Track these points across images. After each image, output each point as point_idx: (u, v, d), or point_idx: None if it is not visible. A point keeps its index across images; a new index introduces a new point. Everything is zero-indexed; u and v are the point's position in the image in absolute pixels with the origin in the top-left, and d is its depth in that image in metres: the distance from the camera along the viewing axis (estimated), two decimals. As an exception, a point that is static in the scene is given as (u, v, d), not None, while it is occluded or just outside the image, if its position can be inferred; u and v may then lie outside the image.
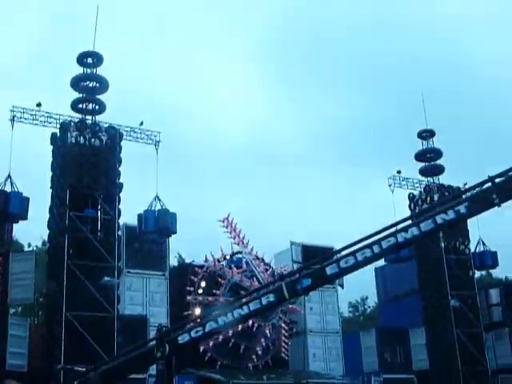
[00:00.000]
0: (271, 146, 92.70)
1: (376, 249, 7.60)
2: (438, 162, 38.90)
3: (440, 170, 38.80)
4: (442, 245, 36.11)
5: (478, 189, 9.10)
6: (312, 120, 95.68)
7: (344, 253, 8.10)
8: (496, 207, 7.96)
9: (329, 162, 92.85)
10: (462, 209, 7.79)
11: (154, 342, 8.13)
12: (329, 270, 7.91)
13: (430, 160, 38.88)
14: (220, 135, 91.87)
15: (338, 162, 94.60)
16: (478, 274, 42.39)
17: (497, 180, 8.00)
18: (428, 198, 37.72)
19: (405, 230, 7.86)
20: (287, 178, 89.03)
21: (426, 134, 39.07)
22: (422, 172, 38.75)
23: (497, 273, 51.35)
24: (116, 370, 8.61)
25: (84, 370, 9.17)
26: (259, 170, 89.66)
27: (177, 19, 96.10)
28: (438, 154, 38.77)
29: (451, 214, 7.78)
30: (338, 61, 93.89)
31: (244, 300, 8.86)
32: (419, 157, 38.87)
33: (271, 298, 8.04)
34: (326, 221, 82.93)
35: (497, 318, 37.46)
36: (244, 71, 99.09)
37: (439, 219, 7.73)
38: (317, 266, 8.77)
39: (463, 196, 8.70)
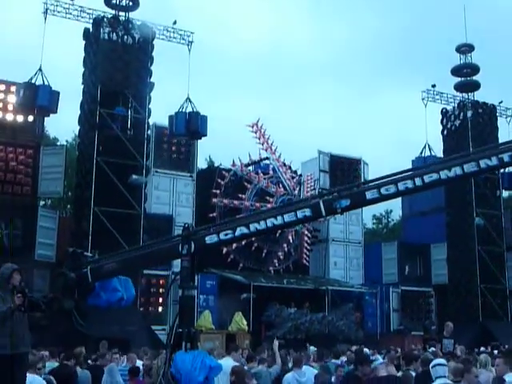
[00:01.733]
0: (295, 55, 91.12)
1: (418, 181, 7.54)
2: (475, 78, 38.03)
3: (475, 86, 37.97)
4: (472, 162, 35.70)
5: None
6: (340, 28, 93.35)
7: (386, 180, 7.99)
8: None
9: (360, 72, 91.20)
10: (505, 157, 7.66)
11: (179, 239, 8.21)
12: (369, 195, 7.84)
13: (466, 76, 38.00)
14: (244, 43, 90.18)
15: (369, 73, 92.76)
16: (505, 193, 42.27)
17: None
18: (461, 114, 37.14)
19: (448, 168, 7.73)
20: (314, 89, 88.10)
21: (465, 49, 38.00)
22: (457, 87, 37.95)
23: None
24: (136, 260, 8.79)
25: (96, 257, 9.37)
26: (284, 79, 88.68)
27: None
28: (474, 69, 37.81)
29: (494, 161, 7.68)
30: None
31: (278, 210, 8.79)
32: (455, 72, 37.97)
33: (307, 212, 8.00)
34: (354, 132, 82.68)
35: (520, 238, 37.47)
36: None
37: (483, 163, 7.63)
38: (358, 188, 8.64)
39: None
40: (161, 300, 28.77)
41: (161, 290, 28.87)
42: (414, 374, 10.63)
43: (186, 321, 7.87)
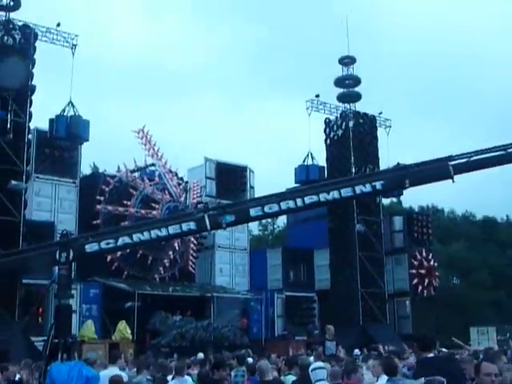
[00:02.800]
0: (179, 62, 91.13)
1: (299, 202, 7.98)
2: (356, 89, 39.33)
3: (357, 97, 39.30)
4: (353, 170, 36.91)
5: (393, 171, 10.51)
6: (220, 35, 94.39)
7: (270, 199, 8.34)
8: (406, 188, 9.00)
9: (244, 82, 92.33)
10: (377, 185, 8.28)
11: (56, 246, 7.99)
12: (253, 212, 8.17)
13: (348, 87, 39.24)
14: (122, 51, 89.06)
15: (254, 83, 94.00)
16: (385, 201, 43.92)
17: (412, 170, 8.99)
18: (343, 124, 38.30)
19: (327, 191, 8.20)
20: (199, 96, 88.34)
21: (348, 61, 39.29)
22: (340, 98, 39.13)
23: (405, 201, 53.47)
24: (9, 265, 8.50)
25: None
26: (169, 86, 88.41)
27: None
28: (356, 81, 39.15)
29: (368, 188, 8.29)
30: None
31: (163, 222, 8.82)
32: (338, 83, 39.16)
33: (192, 226, 8.14)
34: (241, 141, 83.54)
35: (398, 243, 39.07)
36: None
37: (358, 190, 8.19)
38: (243, 205, 8.95)
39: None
40: (40, 310, 27.85)
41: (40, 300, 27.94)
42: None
43: (63, 331, 7.67)
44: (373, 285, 36.52)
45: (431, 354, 8.28)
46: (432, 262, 38.65)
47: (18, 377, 12.98)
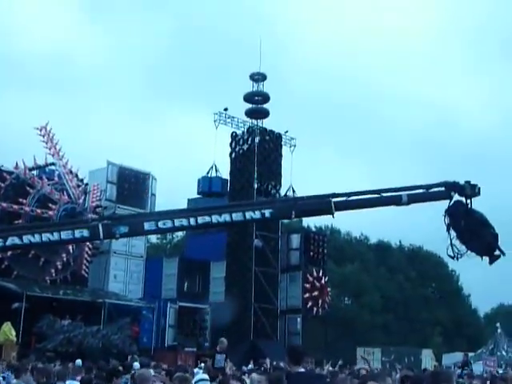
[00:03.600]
0: (81, 63, 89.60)
1: (192, 221, 8.37)
2: (265, 106, 39.85)
3: (265, 113, 39.81)
4: (255, 186, 37.28)
5: (282, 202, 11.41)
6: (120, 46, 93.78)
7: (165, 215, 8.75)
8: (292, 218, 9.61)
9: (149, 92, 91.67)
10: (266, 213, 8.99)
11: None
12: (147, 226, 8.37)
13: (257, 103, 39.71)
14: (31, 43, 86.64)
15: (161, 94, 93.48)
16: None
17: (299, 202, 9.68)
18: (249, 139, 38.67)
19: (219, 213, 8.70)
20: (103, 101, 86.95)
21: (258, 77, 39.78)
22: (248, 113, 39.53)
23: (304, 220, 54.32)
24: None
25: None
26: (72, 84, 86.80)
27: None
28: (265, 97, 39.69)
29: (257, 214, 8.99)
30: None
31: (56, 226, 8.74)
32: (247, 98, 39.58)
33: (85, 233, 8.10)
34: (146, 150, 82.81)
35: (294, 261, 39.65)
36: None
37: (248, 215, 8.83)
38: (138, 218, 9.54)
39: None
40: None
41: None
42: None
43: None
44: (266, 300, 36.92)
45: (302, 369, 8.50)
46: (325, 281, 39.46)
47: None
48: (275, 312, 37.84)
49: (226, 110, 38.21)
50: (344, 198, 9.62)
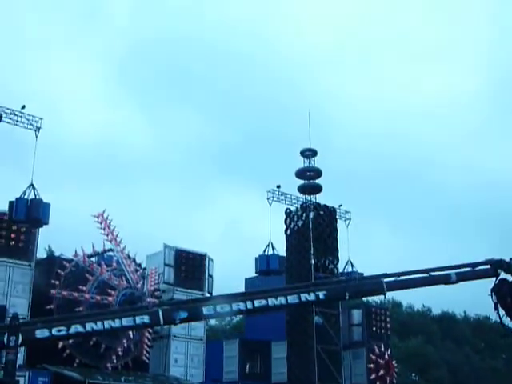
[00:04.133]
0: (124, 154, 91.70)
1: (249, 305, 8.44)
2: (317, 181, 39.87)
3: (318, 188, 39.78)
4: (312, 262, 36.95)
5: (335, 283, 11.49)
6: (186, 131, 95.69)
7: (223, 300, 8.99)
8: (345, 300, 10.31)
9: (205, 173, 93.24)
10: (321, 295, 9.35)
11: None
12: (205, 311, 8.53)
13: (309, 178, 39.78)
14: (80, 138, 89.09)
15: (216, 174, 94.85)
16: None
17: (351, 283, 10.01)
18: (304, 215, 38.56)
19: (275, 296, 8.87)
20: (157, 187, 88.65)
21: (309, 153, 39.97)
22: (301, 189, 39.58)
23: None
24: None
25: None
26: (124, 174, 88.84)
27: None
28: (317, 172, 39.74)
29: (312, 296, 9.31)
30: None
31: (118, 314, 8.85)
32: (299, 174, 39.70)
33: (146, 319, 8.21)
34: (200, 229, 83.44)
35: (356, 337, 38.76)
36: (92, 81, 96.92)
37: (303, 297, 8.99)
38: (196, 303, 9.63)
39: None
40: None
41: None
42: None
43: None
44: (330, 379, 35.86)
45: None
46: (390, 357, 38.33)
47: None
48: (341, 391, 36.72)
49: (278, 187, 38.35)
50: (394, 278, 9.89)
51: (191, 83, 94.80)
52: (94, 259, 33.03)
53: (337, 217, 39.68)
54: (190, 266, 36.41)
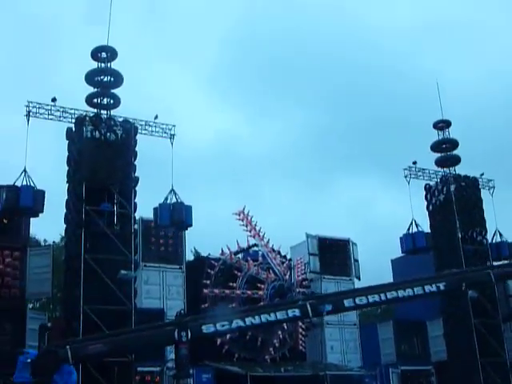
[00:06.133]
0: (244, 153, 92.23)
1: (383, 297, 8.75)
2: (454, 152, 38.61)
3: (456, 160, 38.51)
4: (459, 235, 35.87)
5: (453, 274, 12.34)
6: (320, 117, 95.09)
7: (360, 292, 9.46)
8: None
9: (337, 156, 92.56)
10: (441, 286, 9.87)
11: (172, 326, 8.06)
12: (346, 303, 9.01)
13: (445, 150, 38.59)
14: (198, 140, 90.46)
15: (346, 155, 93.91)
16: (499, 263, 42.15)
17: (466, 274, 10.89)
18: (444, 189, 37.49)
19: (403, 288, 9.23)
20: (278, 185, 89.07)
21: (442, 125, 38.76)
22: (438, 163, 38.46)
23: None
24: (126, 343, 8.58)
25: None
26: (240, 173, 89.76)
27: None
28: (453, 144, 38.48)
29: (434, 288, 9.87)
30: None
31: (271, 308, 9.59)
32: (435, 148, 38.58)
33: (297, 313, 8.74)
34: (339, 215, 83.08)
35: (515, 308, 37.16)
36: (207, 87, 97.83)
37: (427, 289, 9.73)
38: (338, 296, 10.50)
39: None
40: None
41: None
42: None
43: (184, 411, 7.62)
44: (492, 354, 34.62)
45: None
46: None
47: None
48: (505, 365, 35.32)
49: (414, 163, 37.40)
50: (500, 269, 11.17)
51: (295, 77, 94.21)
52: (240, 256, 33.80)
53: (480, 186, 38.23)
54: (334, 253, 36.48)
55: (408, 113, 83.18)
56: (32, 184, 26.56)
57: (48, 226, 38.51)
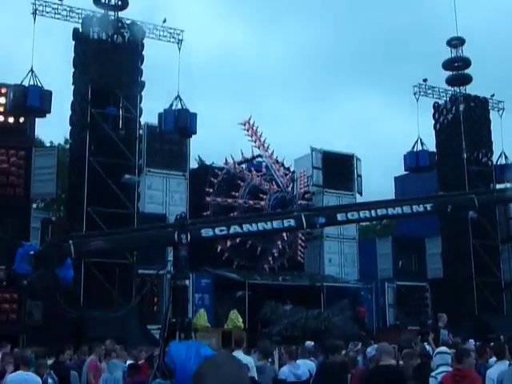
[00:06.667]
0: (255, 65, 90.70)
1: (373, 213, 9.39)
2: (466, 71, 38.00)
3: (467, 79, 37.94)
4: (465, 155, 35.78)
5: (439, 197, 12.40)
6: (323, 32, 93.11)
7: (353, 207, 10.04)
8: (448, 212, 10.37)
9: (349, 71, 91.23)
10: (428, 207, 9.78)
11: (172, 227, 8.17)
12: (339, 217, 9.46)
13: (457, 69, 37.96)
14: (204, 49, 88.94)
15: (358, 70, 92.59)
16: (501, 186, 42.24)
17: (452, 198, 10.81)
18: (453, 108, 37.12)
19: (393, 206, 9.69)
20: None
21: (456, 42, 37.92)
22: (449, 81, 37.91)
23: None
24: (127, 241, 8.71)
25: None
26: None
27: None
28: (466, 63, 37.80)
29: (421, 208, 9.73)
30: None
31: (269, 216, 9.89)
32: (447, 65, 37.92)
33: (292, 223, 9.03)
34: (343, 131, 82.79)
35: (514, 230, 37.47)
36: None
37: (414, 209, 9.61)
38: (332, 210, 10.77)
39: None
40: (155, 299, 28.67)
41: (156, 290, 28.74)
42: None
43: (179, 311, 7.80)
44: (488, 274, 35.21)
45: None
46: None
47: (140, 362, 13.42)
48: (499, 285, 36.00)
49: (425, 80, 36.91)
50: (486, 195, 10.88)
51: None
52: (243, 166, 33.89)
53: (489, 107, 37.82)
54: (338, 167, 36.45)
55: (419, 29, 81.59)
56: (39, 84, 26.37)
57: (52, 128, 38.58)
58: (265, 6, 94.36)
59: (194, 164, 41.20)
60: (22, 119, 27.74)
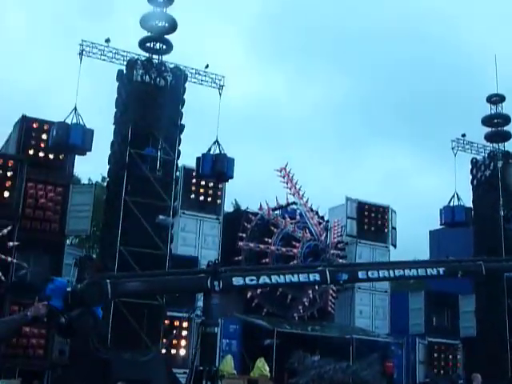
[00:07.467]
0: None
1: (391, 273, 9.59)
2: (506, 128, 37.78)
3: (507, 136, 37.66)
4: (502, 213, 35.32)
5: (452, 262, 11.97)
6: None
7: (373, 266, 10.53)
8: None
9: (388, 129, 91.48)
10: (441, 271, 10.14)
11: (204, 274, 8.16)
12: (360, 275, 9.58)
13: (497, 126, 37.75)
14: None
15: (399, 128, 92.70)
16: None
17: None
18: (491, 164, 36.79)
19: (409, 268, 9.86)
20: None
21: (496, 99, 37.85)
22: (488, 137, 37.68)
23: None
24: (161, 284, 8.72)
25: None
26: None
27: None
28: (506, 119, 37.60)
29: (434, 271, 10.09)
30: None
31: (297, 269, 10.32)
32: (486, 122, 37.75)
33: (317, 277, 9.18)
34: (382, 181, 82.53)
35: (550, 291, 36.59)
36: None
37: (429, 272, 9.92)
38: (354, 267, 11.05)
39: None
40: (184, 343, 28.48)
41: (184, 333, 28.59)
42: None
43: (207, 358, 7.74)
44: (524, 335, 34.33)
45: None
46: None
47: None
48: (534, 348, 35.03)
49: (463, 135, 36.73)
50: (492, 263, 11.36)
51: (341, 43, 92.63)
52: (278, 212, 33.88)
53: (528, 166, 37.40)
54: (372, 218, 36.25)
55: (456, 86, 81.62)
56: (82, 122, 26.84)
57: (91, 165, 39.10)
58: (297, 55, 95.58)
59: (228, 208, 41.38)
60: (61, 156, 28.24)
